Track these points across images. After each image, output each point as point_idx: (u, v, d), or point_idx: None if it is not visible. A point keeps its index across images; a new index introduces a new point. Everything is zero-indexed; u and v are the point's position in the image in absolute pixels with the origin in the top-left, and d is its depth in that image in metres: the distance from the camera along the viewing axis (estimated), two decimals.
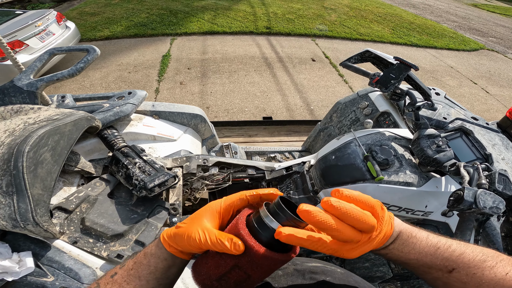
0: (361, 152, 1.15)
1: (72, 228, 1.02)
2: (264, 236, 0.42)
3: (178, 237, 0.47)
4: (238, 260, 0.42)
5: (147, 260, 0.48)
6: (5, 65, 3.48)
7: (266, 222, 0.42)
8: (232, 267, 0.43)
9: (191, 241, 0.44)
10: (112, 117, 1.29)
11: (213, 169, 1.44)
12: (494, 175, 0.86)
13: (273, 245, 0.42)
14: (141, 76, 4.49)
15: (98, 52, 1.28)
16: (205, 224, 0.46)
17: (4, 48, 1.29)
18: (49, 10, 4.42)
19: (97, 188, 1.18)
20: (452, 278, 0.46)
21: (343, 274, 0.59)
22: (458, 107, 1.66)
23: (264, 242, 0.42)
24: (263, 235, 0.42)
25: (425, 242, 0.48)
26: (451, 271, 0.46)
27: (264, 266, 0.42)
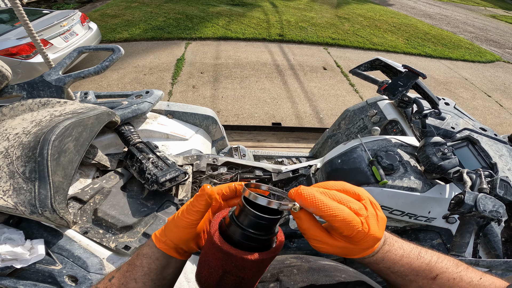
0: (367, 157, 1.18)
1: (85, 218, 1.07)
2: (237, 238, 0.41)
3: (167, 227, 0.47)
4: (225, 267, 0.42)
5: (139, 261, 0.48)
6: (29, 63, 3.64)
7: (234, 225, 0.41)
8: (222, 273, 0.43)
9: (176, 224, 0.45)
10: (130, 114, 1.36)
11: (222, 168, 1.49)
12: (496, 181, 0.89)
13: (252, 245, 0.41)
14: (155, 78, 4.62)
15: (122, 52, 1.35)
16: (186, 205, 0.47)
17: (38, 45, 1.38)
18: (74, 10, 4.55)
19: (111, 180, 1.23)
20: (435, 285, 0.46)
21: (355, 273, 0.59)
22: (467, 117, 1.67)
23: (239, 243, 0.41)
24: (235, 236, 0.41)
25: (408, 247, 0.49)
26: (435, 277, 0.46)
27: (249, 267, 0.41)
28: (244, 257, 0.40)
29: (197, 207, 0.45)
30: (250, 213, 0.39)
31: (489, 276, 0.48)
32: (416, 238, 1.41)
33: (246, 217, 0.40)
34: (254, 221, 0.40)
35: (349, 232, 0.40)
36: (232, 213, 0.43)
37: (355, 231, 0.40)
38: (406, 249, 0.48)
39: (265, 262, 0.42)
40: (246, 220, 0.40)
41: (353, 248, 0.43)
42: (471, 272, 0.48)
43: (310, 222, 0.44)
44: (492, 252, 1.17)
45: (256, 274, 0.43)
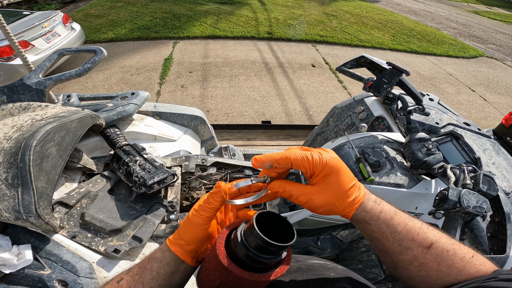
0: (354, 154, 1.19)
1: (72, 222, 1.05)
2: (242, 258, 0.41)
3: (181, 229, 0.49)
4: (222, 279, 0.42)
5: (150, 265, 0.48)
6: (11, 65, 3.54)
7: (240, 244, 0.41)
8: (218, 284, 0.43)
9: (191, 222, 0.47)
10: (115, 116, 1.33)
11: (211, 169, 1.48)
12: (479, 176, 0.90)
13: (253, 265, 0.41)
14: (143, 78, 4.56)
15: (105, 53, 1.33)
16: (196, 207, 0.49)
17: (16, 47, 1.34)
18: (56, 11, 4.48)
19: (98, 184, 1.21)
20: (429, 255, 0.47)
21: (344, 270, 0.59)
22: (451, 112, 1.70)
23: (243, 263, 0.41)
24: (240, 256, 0.41)
25: (399, 209, 0.51)
26: (429, 246, 0.47)
27: (246, 286, 0.42)
28: (242, 276, 0.40)
29: (213, 203, 0.47)
30: (258, 237, 0.39)
31: (480, 256, 0.48)
32: None
33: (254, 239, 0.40)
34: (260, 244, 0.40)
35: (307, 165, 0.46)
36: (242, 230, 0.43)
37: (311, 162, 0.45)
38: (397, 209, 0.51)
39: (262, 284, 0.42)
40: (253, 241, 0.40)
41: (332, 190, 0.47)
42: (464, 248, 0.48)
43: (288, 184, 0.49)
44: (478, 247, 1.20)
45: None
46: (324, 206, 0.48)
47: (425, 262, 0.47)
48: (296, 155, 0.46)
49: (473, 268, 0.46)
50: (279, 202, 1.41)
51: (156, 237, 1.21)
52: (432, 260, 0.47)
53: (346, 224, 1.47)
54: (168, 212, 1.24)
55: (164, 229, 1.20)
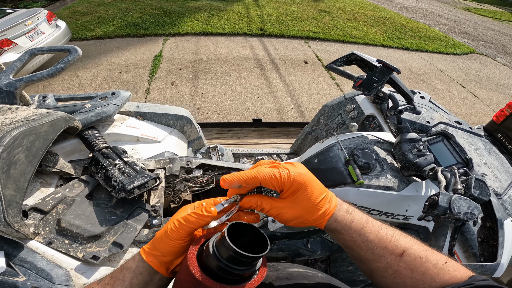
0: (343, 156, 1.15)
1: (48, 229, 1.01)
2: (214, 269, 0.41)
3: (157, 240, 0.48)
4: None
5: (122, 275, 0.47)
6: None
7: (212, 257, 0.41)
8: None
9: (168, 236, 0.46)
10: (93, 118, 1.27)
11: (197, 171, 1.43)
12: (471, 180, 0.87)
13: (226, 277, 0.41)
14: (131, 76, 4.46)
15: (79, 53, 1.26)
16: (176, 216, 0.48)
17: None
18: (40, 9, 4.39)
19: (75, 189, 1.17)
20: (402, 263, 0.47)
21: (324, 278, 0.58)
22: (442, 111, 1.68)
23: (215, 275, 0.41)
24: (213, 268, 0.41)
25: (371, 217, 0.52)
26: (402, 254, 0.47)
27: None
28: (212, 286, 0.39)
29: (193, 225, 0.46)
30: (230, 248, 0.39)
31: (453, 262, 0.48)
32: None
33: (226, 250, 0.39)
34: (232, 255, 0.39)
35: (276, 183, 0.47)
36: (214, 241, 0.43)
37: (279, 180, 0.46)
38: (369, 218, 0.51)
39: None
40: (225, 252, 0.40)
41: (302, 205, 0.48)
42: (436, 254, 0.48)
43: (259, 199, 0.50)
44: (469, 250, 1.18)
45: None
46: (294, 219, 0.50)
47: (399, 269, 0.47)
48: (264, 174, 0.46)
49: (447, 274, 0.46)
50: None
51: (139, 243, 1.17)
52: (406, 267, 0.47)
53: None
54: (150, 216, 1.20)
55: (147, 234, 1.16)
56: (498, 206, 0.99)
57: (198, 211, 0.46)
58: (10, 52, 3.69)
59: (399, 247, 0.48)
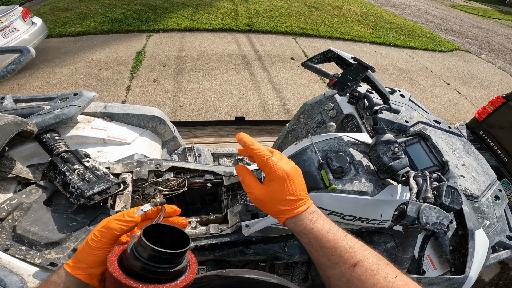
0: (317, 159, 1.10)
1: (4, 235, 0.99)
2: (137, 271, 0.41)
3: (80, 253, 0.47)
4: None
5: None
6: None
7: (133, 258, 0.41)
8: None
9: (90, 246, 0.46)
10: (52, 120, 1.19)
11: (168, 174, 1.37)
12: (442, 187, 0.82)
13: (151, 277, 0.41)
14: (112, 73, 4.31)
15: (32, 53, 1.17)
16: None
17: None
18: (14, 6, 4.27)
19: (32, 195, 1.12)
20: (354, 273, 0.49)
21: (275, 285, 0.57)
22: (421, 109, 1.65)
23: (139, 276, 0.41)
24: (136, 269, 0.41)
25: (336, 228, 0.56)
26: (355, 264, 0.50)
27: None
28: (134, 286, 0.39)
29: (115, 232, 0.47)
30: (146, 247, 0.40)
31: (405, 277, 0.49)
32: (371, 241, 1.37)
33: (143, 249, 0.41)
34: (150, 254, 0.40)
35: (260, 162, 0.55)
36: (133, 243, 0.43)
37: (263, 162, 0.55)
38: (334, 227, 0.55)
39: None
40: (143, 252, 0.41)
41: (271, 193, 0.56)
42: (389, 268, 0.50)
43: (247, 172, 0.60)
44: (443, 256, 1.15)
45: None
46: (258, 201, 0.58)
47: (351, 279, 0.50)
48: (259, 151, 0.56)
49: None
50: (241, 209, 1.32)
51: None
52: (357, 278, 0.49)
53: None
54: None
55: None
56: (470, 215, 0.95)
57: (121, 217, 0.48)
58: None
59: (354, 258, 0.50)
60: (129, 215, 0.48)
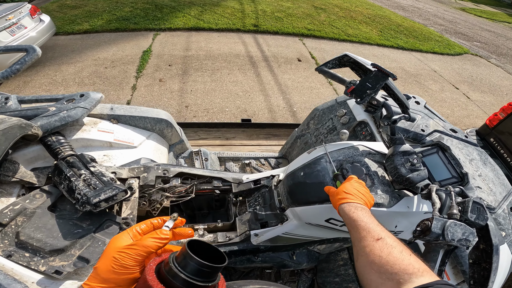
0: (331, 170, 1.05)
1: (7, 241, 0.96)
2: (174, 283, 0.42)
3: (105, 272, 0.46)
4: None
5: None
6: None
7: (175, 271, 0.42)
8: None
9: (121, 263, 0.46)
10: (58, 123, 1.16)
11: (175, 180, 1.33)
12: (468, 203, 0.78)
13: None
14: (118, 72, 4.29)
15: (38, 53, 1.14)
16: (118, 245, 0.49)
17: None
18: (23, 3, 4.24)
19: (36, 200, 1.08)
20: (376, 245, 0.63)
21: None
22: (437, 117, 1.59)
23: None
24: (173, 282, 0.42)
25: (372, 222, 0.72)
26: (378, 239, 0.64)
27: None
28: None
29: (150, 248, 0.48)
30: (193, 260, 0.41)
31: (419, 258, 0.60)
32: None
33: (188, 263, 0.42)
34: (195, 267, 0.42)
35: None
36: (173, 258, 0.44)
37: None
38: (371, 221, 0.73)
39: None
40: (187, 266, 0.42)
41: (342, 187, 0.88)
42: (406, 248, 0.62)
43: None
44: (458, 267, 1.11)
45: None
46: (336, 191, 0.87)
47: (373, 249, 0.62)
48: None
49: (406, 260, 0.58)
50: (250, 217, 1.28)
51: None
52: (378, 248, 0.62)
53: (322, 240, 1.35)
54: (121, 229, 1.12)
55: None
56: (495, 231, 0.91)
57: (155, 235, 0.50)
58: None
59: (378, 235, 0.65)
60: (162, 232, 0.51)
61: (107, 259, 0.47)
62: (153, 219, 0.56)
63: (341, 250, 1.58)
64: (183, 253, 0.43)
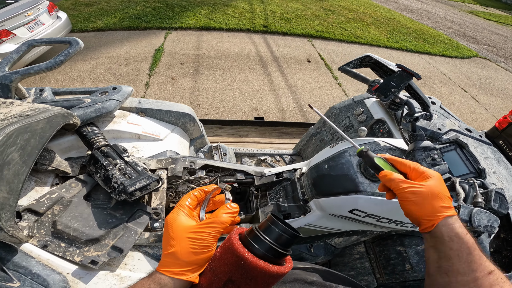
0: (355, 163, 1.10)
1: (43, 231, 0.96)
2: (258, 249, 0.44)
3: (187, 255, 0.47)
4: (232, 274, 0.43)
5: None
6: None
7: (260, 237, 0.45)
8: (225, 282, 0.44)
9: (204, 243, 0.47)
10: (93, 114, 1.21)
11: (200, 172, 1.38)
12: (491, 193, 0.84)
13: (268, 259, 0.44)
14: (131, 69, 4.37)
15: (81, 45, 1.19)
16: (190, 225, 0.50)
17: None
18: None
19: (72, 189, 1.10)
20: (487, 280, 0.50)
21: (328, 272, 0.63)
22: (452, 117, 1.63)
23: (258, 255, 0.43)
24: (257, 248, 0.44)
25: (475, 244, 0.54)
26: (490, 272, 0.51)
27: (258, 279, 0.43)
28: (258, 264, 0.42)
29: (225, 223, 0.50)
30: (282, 229, 0.45)
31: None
32: (401, 243, 1.37)
33: (276, 232, 0.45)
34: (283, 236, 0.45)
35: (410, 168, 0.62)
36: (255, 226, 0.47)
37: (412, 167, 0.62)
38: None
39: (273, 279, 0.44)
40: (274, 235, 0.45)
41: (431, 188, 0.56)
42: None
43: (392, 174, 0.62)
44: None
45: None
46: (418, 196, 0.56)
47: (483, 285, 0.50)
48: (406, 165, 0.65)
49: None
50: (273, 209, 1.32)
51: (139, 246, 1.11)
52: (488, 284, 0.50)
53: (341, 232, 1.39)
54: (152, 219, 1.15)
55: (148, 238, 1.10)
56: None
57: (226, 209, 0.51)
58: (8, 42, 3.63)
59: (490, 267, 0.52)
60: (231, 206, 0.52)
61: (183, 241, 0.47)
62: (193, 191, 0.57)
63: (357, 244, 1.62)
64: (268, 221, 0.46)
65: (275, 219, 0.46)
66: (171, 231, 0.49)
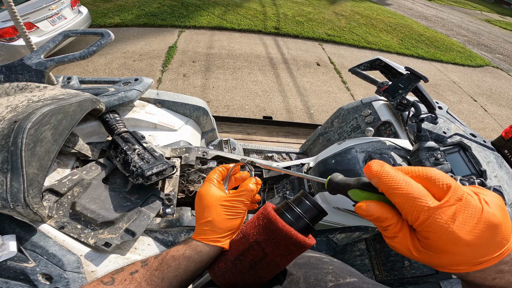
0: (361, 159, 1.16)
1: (61, 212, 0.99)
2: (288, 217, 0.48)
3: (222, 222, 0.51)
4: (258, 236, 0.47)
5: (176, 263, 0.48)
6: (12, 45, 3.50)
7: (291, 205, 0.49)
8: (251, 244, 0.47)
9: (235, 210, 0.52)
10: (116, 102, 1.29)
11: (211, 162, 1.45)
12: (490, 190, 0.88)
13: (294, 227, 0.47)
14: (145, 65, 4.48)
15: (112, 37, 1.28)
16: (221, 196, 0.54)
17: (20, 27, 1.28)
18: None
19: (92, 172, 1.15)
20: None
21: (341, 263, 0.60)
22: (458, 122, 1.67)
23: (286, 222, 0.47)
24: (287, 215, 0.48)
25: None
26: None
27: (281, 243, 0.46)
28: (284, 228, 0.45)
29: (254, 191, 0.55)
30: (313, 204, 0.48)
31: None
32: None
33: (306, 206, 0.48)
34: (313, 210, 0.48)
35: (411, 212, 0.31)
36: (287, 200, 0.51)
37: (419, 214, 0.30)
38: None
39: (295, 249, 0.46)
40: (301, 204, 0.49)
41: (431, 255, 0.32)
42: None
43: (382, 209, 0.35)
44: None
45: (278, 255, 0.47)
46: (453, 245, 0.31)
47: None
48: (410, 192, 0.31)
49: None
50: (279, 202, 1.38)
51: (150, 231, 1.16)
52: None
53: (344, 227, 1.44)
54: (164, 205, 1.20)
55: (159, 223, 1.15)
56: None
57: (253, 180, 0.57)
58: (31, 35, 3.70)
59: None
60: (255, 177, 0.58)
61: (218, 209, 0.52)
62: (218, 167, 0.62)
63: (359, 241, 1.67)
64: (300, 194, 0.50)
65: (307, 194, 0.50)
66: (206, 201, 0.53)
